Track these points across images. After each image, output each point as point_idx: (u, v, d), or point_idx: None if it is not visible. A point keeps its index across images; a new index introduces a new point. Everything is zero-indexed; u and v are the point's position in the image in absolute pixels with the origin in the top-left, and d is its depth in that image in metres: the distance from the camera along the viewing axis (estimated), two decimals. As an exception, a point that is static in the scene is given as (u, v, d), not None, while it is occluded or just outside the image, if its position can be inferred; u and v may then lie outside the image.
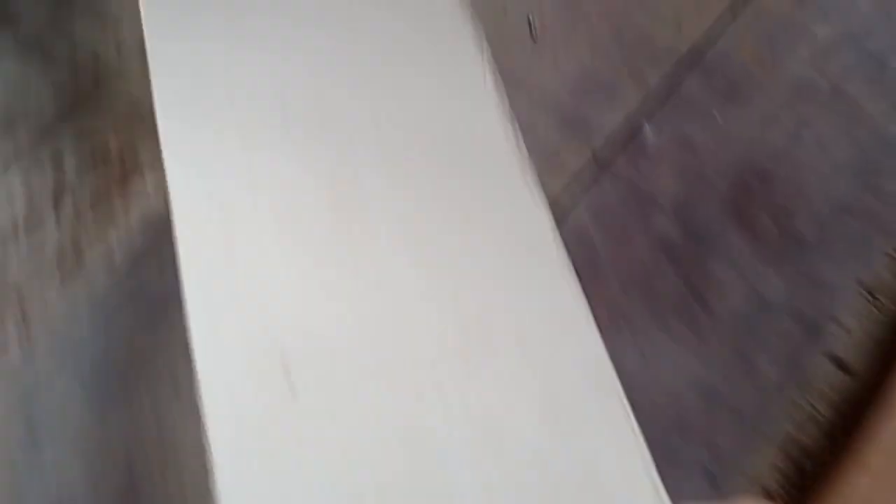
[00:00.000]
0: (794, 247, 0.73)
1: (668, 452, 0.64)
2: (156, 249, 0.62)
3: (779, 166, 0.75)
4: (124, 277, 0.62)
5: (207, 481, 0.32)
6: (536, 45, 0.73)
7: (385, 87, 0.49)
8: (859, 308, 0.77)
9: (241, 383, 0.37)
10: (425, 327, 0.41)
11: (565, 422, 0.39)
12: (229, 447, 0.35)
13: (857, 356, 0.76)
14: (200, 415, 0.34)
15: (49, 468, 0.54)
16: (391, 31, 0.51)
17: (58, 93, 0.66)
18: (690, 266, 0.69)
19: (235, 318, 0.39)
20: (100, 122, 0.65)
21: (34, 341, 0.58)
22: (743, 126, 0.75)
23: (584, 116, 0.72)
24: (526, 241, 0.45)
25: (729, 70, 0.77)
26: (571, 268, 0.43)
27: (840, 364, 0.75)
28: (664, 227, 0.70)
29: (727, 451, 0.65)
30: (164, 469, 0.55)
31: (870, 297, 0.78)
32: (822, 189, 0.75)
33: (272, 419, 0.36)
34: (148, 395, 0.58)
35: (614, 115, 0.72)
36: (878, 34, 0.84)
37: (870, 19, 0.84)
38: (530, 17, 0.73)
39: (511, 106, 0.47)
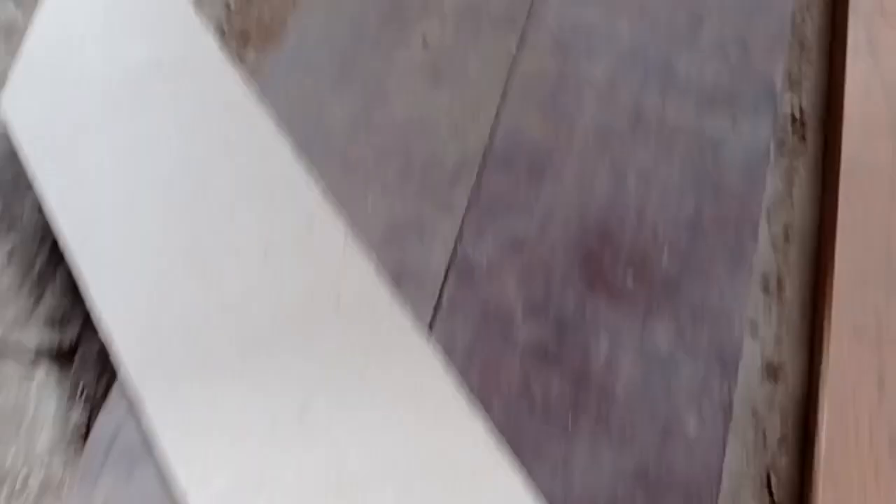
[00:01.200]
0: (668, 289, 0.70)
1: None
2: None
3: (616, 219, 0.72)
4: None
5: None
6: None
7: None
8: (764, 307, 0.74)
9: None
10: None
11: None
12: None
13: (784, 357, 0.72)
14: None
15: None
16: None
17: None
18: (571, 359, 0.65)
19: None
20: None
21: None
22: (562, 198, 0.73)
23: (404, 265, 0.69)
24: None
25: (524, 150, 0.75)
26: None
27: (771, 374, 0.71)
28: (528, 334, 0.66)
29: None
30: None
31: (767, 293, 0.74)
32: (667, 219, 0.72)
33: None
34: None
35: (435, 251, 0.70)
36: (655, 45, 0.83)
37: (638, 36, 0.83)
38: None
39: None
